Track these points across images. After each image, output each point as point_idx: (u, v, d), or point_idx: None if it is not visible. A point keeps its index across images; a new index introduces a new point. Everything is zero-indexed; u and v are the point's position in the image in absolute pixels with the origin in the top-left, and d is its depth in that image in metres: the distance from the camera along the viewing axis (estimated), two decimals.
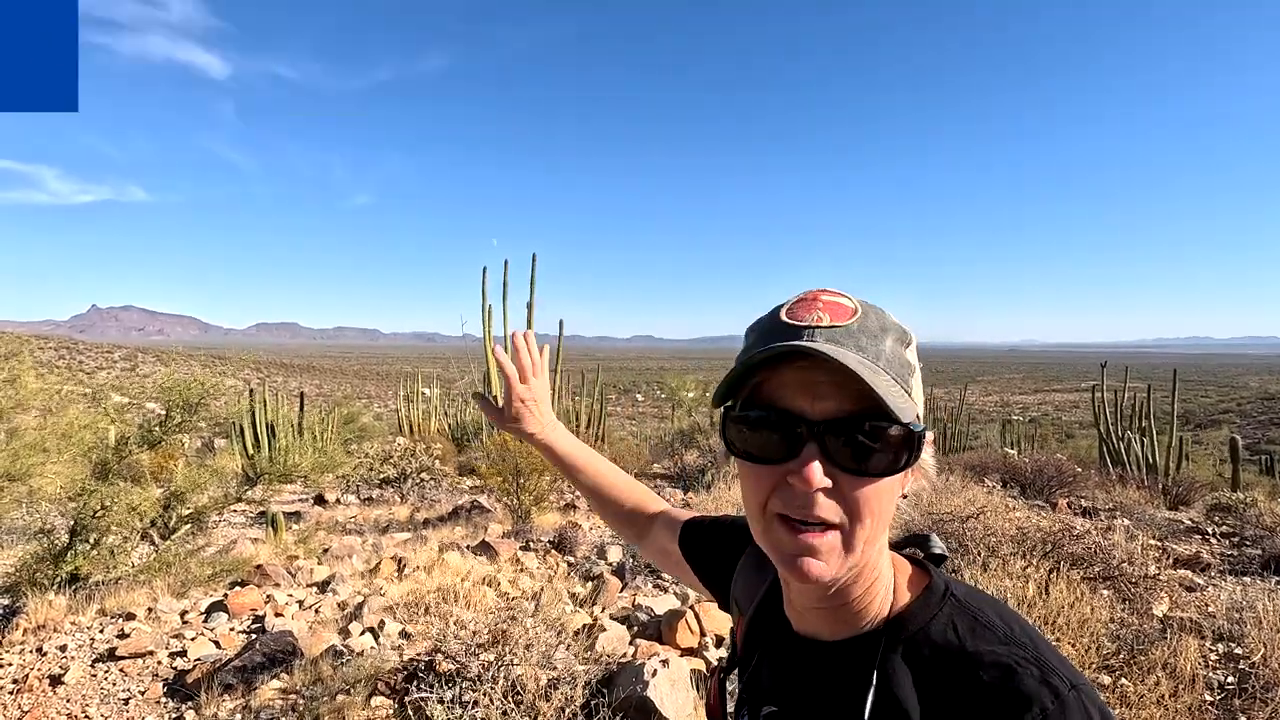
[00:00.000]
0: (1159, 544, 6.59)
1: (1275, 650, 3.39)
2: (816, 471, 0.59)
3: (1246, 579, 5.61)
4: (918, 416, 0.63)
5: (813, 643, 0.72)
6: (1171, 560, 5.95)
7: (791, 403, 0.62)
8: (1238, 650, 3.71)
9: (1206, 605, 4.53)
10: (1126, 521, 7.61)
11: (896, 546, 0.76)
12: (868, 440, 0.60)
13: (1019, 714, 0.56)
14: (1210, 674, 3.50)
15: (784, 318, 0.65)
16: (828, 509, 0.61)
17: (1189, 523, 8.28)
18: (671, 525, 1.13)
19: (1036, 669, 0.58)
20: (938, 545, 0.76)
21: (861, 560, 0.64)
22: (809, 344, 0.59)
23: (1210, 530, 7.77)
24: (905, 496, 0.68)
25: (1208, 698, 3.29)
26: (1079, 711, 0.56)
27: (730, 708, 0.84)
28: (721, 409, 0.69)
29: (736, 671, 0.85)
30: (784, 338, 0.62)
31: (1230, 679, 3.47)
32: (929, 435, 0.65)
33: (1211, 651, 3.78)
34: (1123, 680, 3.33)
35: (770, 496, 0.64)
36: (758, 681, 0.79)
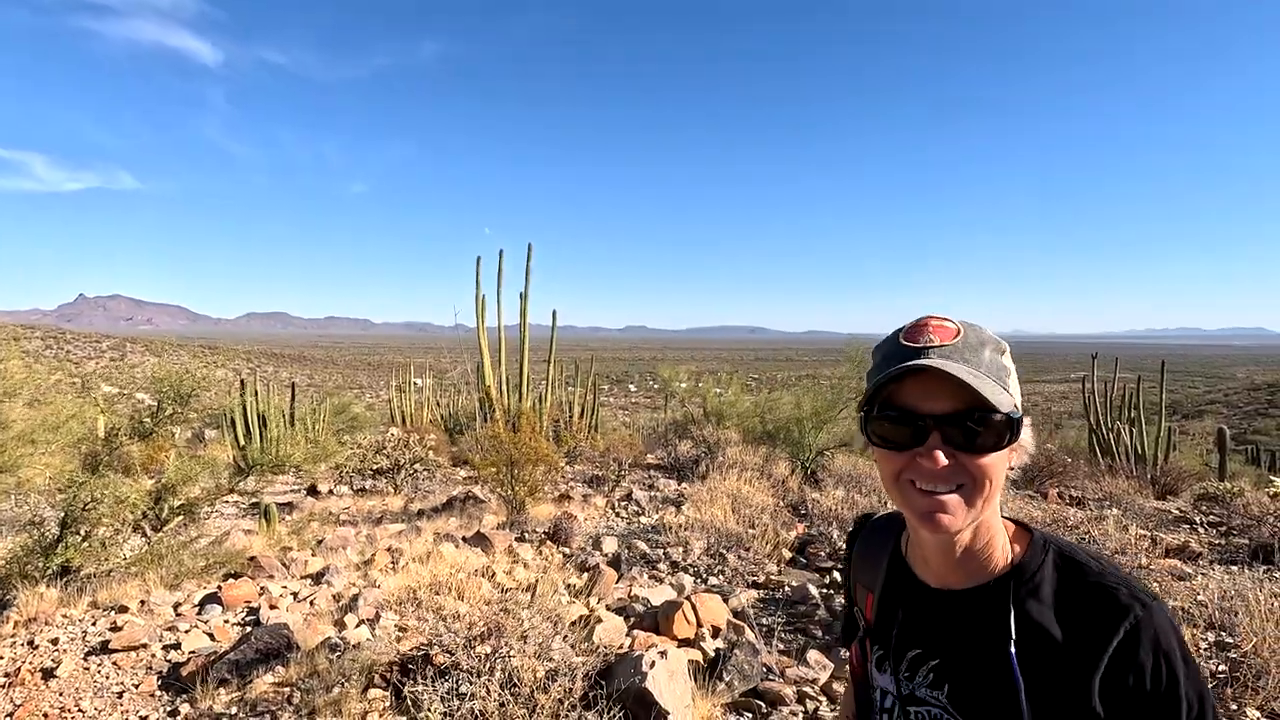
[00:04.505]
0: (1149, 534, 6.65)
1: (1266, 639, 3.42)
2: (940, 454, 0.82)
3: (1234, 568, 5.67)
4: (1015, 406, 0.84)
5: (949, 593, 0.93)
6: (1161, 550, 6.01)
7: (916, 405, 0.84)
8: (1228, 639, 3.75)
9: (1196, 594, 4.58)
10: (1116, 511, 7.68)
11: None
12: (976, 427, 0.82)
13: (1119, 621, 0.79)
14: (1202, 663, 3.54)
15: (903, 341, 0.87)
16: (950, 478, 0.83)
17: (1177, 512, 8.37)
18: None
19: (1126, 589, 0.82)
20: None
21: (979, 516, 0.85)
22: (927, 362, 0.82)
23: (1198, 520, 7.86)
24: (1013, 468, 0.87)
25: None
26: (1160, 614, 0.80)
27: (871, 666, 1.04)
28: (860, 413, 0.91)
29: (870, 637, 1.05)
30: (905, 358, 0.85)
31: (1222, 668, 3.51)
32: (1026, 420, 0.86)
33: (1202, 640, 3.82)
34: None
35: (903, 470, 0.85)
36: (902, 632, 0.98)
